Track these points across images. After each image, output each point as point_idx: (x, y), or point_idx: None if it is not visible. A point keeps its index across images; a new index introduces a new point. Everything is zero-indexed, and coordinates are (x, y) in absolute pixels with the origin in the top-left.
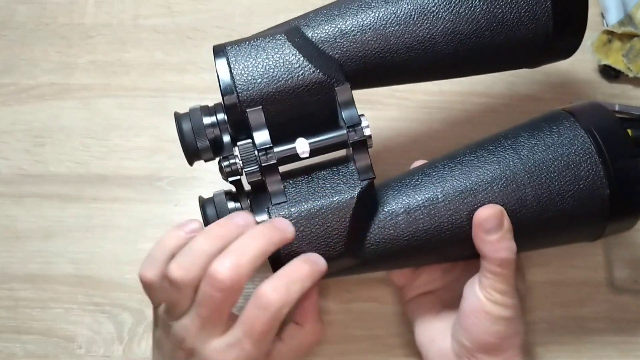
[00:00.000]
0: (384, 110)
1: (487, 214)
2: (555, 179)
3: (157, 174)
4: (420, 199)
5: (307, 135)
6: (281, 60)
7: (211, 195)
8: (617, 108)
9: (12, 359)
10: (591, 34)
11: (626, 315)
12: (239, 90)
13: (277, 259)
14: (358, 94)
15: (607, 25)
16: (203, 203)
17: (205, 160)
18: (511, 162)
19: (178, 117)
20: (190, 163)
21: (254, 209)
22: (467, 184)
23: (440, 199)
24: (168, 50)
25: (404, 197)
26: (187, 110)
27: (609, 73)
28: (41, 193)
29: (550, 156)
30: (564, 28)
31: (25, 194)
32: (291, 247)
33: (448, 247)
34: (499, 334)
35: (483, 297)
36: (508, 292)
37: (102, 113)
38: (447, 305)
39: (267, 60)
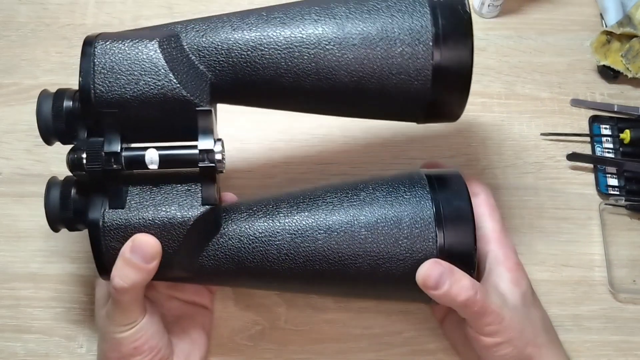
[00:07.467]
0: None
1: (423, 273)
2: (388, 239)
3: None
4: (258, 228)
5: (166, 139)
6: (147, 69)
7: (61, 179)
8: (615, 109)
9: (13, 358)
10: (590, 35)
11: (624, 314)
12: (96, 90)
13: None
14: None
15: (606, 26)
16: (50, 185)
17: (63, 143)
18: (353, 215)
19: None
20: (48, 142)
21: (90, 207)
22: (308, 223)
23: (279, 232)
24: None
25: (244, 223)
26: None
27: (608, 73)
28: (42, 193)
29: (390, 216)
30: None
31: (26, 193)
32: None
33: (281, 278)
34: (510, 355)
35: (475, 334)
36: (492, 320)
37: None
38: None
39: (132, 65)
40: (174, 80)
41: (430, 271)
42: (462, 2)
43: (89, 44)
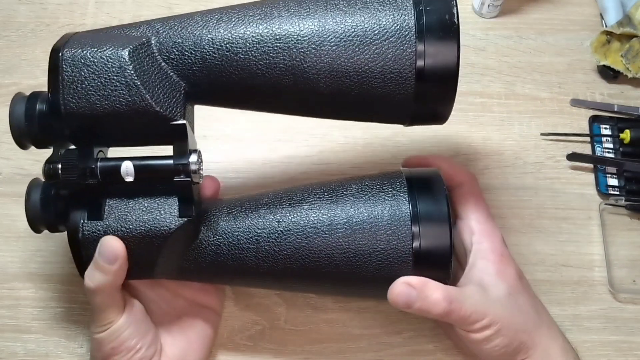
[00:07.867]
0: None
1: (391, 295)
2: (365, 240)
3: None
4: (237, 234)
5: (143, 144)
6: (118, 84)
7: (40, 182)
8: (615, 109)
9: (13, 358)
10: (590, 35)
11: (624, 314)
12: (66, 105)
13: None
14: None
15: (606, 26)
16: (31, 187)
17: (38, 147)
18: (331, 216)
19: (14, 100)
20: (22, 146)
21: (69, 215)
22: (286, 227)
23: (257, 237)
24: None
25: (223, 229)
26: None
27: (608, 73)
28: None
29: (367, 218)
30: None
31: None
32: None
33: (254, 276)
34: (501, 345)
35: (462, 332)
36: (474, 320)
37: None
38: None
39: (102, 80)
40: (146, 96)
41: (399, 292)
42: (451, 11)
43: (56, 51)
